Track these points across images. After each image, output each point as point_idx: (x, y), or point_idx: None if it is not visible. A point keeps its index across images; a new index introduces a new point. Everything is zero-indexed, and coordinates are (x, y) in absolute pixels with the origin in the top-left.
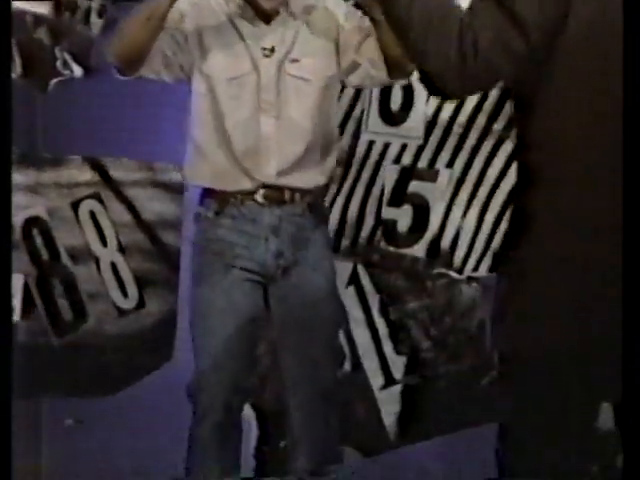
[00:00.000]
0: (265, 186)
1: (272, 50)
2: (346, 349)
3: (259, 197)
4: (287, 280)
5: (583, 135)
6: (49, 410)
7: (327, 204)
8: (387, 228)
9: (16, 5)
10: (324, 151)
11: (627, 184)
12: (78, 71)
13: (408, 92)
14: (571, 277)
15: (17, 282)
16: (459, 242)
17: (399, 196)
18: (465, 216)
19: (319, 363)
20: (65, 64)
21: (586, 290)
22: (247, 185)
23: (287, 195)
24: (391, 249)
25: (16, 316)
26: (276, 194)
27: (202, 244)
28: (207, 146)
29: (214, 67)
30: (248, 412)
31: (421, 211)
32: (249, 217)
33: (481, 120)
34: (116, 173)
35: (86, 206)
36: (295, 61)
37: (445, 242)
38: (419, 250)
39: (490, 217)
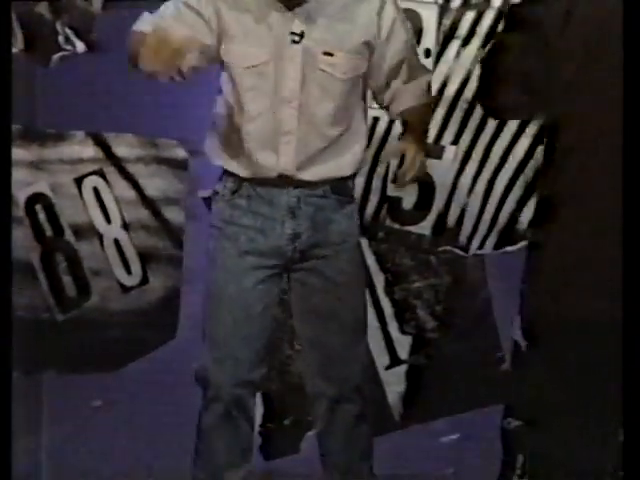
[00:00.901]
0: (283, 176)
1: (301, 35)
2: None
3: (277, 180)
4: (306, 264)
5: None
6: (49, 386)
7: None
8: (392, 205)
9: None
10: (348, 144)
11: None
12: (80, 46)
13: None
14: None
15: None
16: (465, 219)
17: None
18: (471, 193)
19: (342, 357)
20: (67, 39)
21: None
22: (265, 175)
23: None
24: (396, 226)
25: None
26: (295, 180)
27: (218, 227)
28: (226, 133)
29: (232, 54)
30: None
31: (426, 188)
32: (266, 198)
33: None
34: (119, 149)
35: (90, 182)
36: (328, 54)
37: (451, 219)
38: (424, 227)
39: (496, 194)
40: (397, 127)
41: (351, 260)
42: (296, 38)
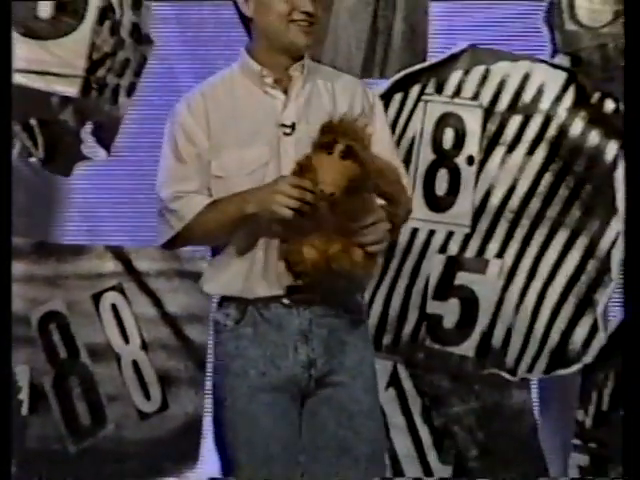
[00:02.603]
0: (292, 289)
1: (293, 127)
2: (385, 459)
3: (285, 299)
4: (320, 393)
5: None
6: None
7: (366, 298)
8: (432, 324)
9: (42, 86)
10: None
11: None
12: (102, 154)
13: (455, 176)
14: None
15: (23, 375)
16: (511, 340)
17: (445, 289)
18: (518, 311)
19: None
20: (89, 147)
21: None
22: (270, 291)
23: (317, 295)
24: (436, 347)
25: (24, 410)
26: (305, 295)
27: (223, 362)
28: (221, 255)
29: (226, 166)
30: None
31: (469, 305)
32: (274, 323)
33: (534, 205)
34: (140, 263)
35: (108, 299)
36: None
37: (496, 340)
38: (467, 348)
39: (545, 312)
40: (437, 239)
41: (367, 387)
42: (287, 130)
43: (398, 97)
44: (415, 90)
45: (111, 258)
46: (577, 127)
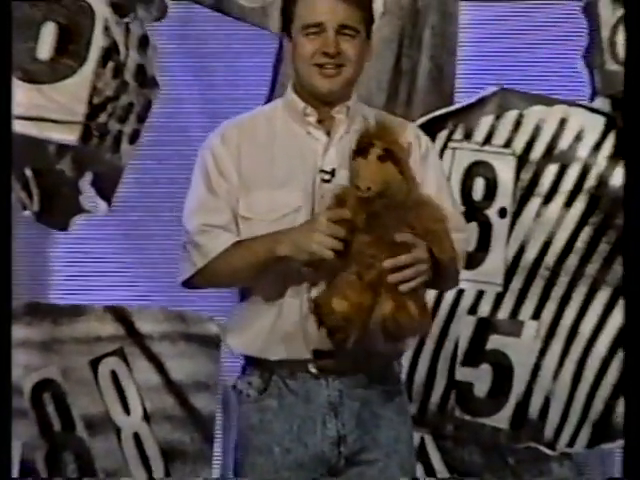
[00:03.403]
0: (318, 353)
1: (332, 174)
2: None
3: (312, 367)
4: (350, 472)
5: None
6: None
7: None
8: (462, 392)
9: (38, 133)
10: None
11: None
12: (102, 206)
13: (486, 230)
14: None
15: (14, 451)
16: (550, 410)
17: (476, 354)
18: (556, 378)
19: None
20: (89, 199)
21: None
22: (296, 353)
23: (348, 363)
24: (467, 418)
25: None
26: (334, 363)
27: (245, 435)
28: (246, 304)
29: (255, 206)
30: None
31: (503, 372)
32: (301, 394)
33: (572, 262)
34: (143, 325)
35: (107, 365)
36: None
37: (533, 410)
38: (501, 419)
39: (587, 379)
40: (467, 298)
41: (404, 466)
42: (326, 177)
43: None
44: (442, 136)
45: (111, 320)
46: (618, 177)
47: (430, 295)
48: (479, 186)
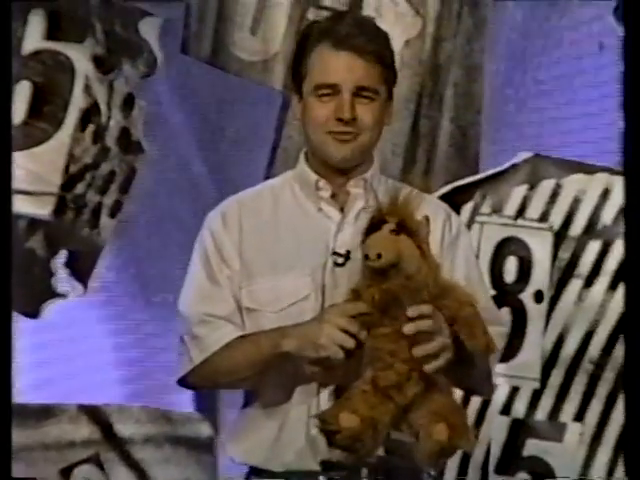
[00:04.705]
0: (328, 465)
1: (347, 257)
2: None
3: (322, 478)
4: None
5: None
6: None
7: None
8: None
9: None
10: None
11: None
12: (78, 289)
13: (520, 317)
14: None
15: None
16: None
17: (511, 460)
18: None
19: None
20: (62, 281)
21: None
22: (303, 464)
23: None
24: None
25: None
26: (346, 475)
27: None
28: (249, 409)
29: (259, 296)
30: None
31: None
32: None
33: (619, 354)
34: (122, 427)
35: (81, 473)
36: None
37: None
38: None
39: None
40: (499, 397)
41: None
42: (339, 260)
43: None
44: (467, 209)
45: (86, 421)
46: None
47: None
48: (511, 266)
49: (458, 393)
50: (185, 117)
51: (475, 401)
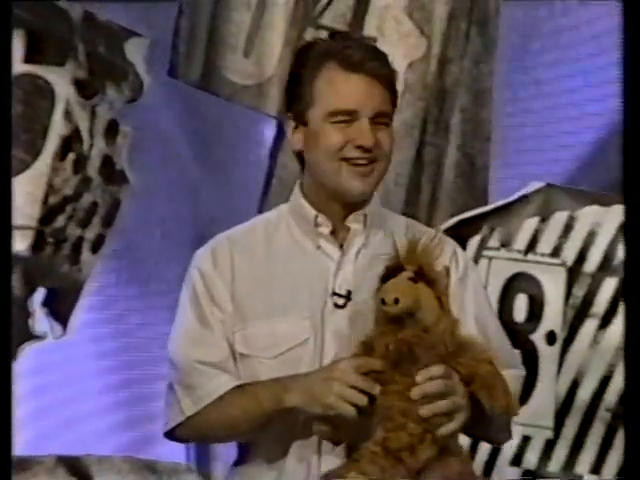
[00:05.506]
0: None
1: (348, 297)
2: None
3: None
4: None
5: None
6: None
7: None
8: None
9: None
10: None
11: None
12: (57, 330)
13: (531, 360)
14: None
15: None
16: None
17: None
18: None
19: None
20: (40, 321)
21: None
22: None
23: None
24: None
25: None
26: None
27: None
28: (242, 466)
29: (253, 341)
30: None
31: None
32: None
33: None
34: (103, 479)
35: None
36: None
37: None
38: None
39: None
40: (509, 446)
41: None
42: (340, 301)
43: None
44: (474, 243)
45: (65, 474)
46: None
47: (463, 440)
48: (521, 304)
49: (465, 439)
50: (173, 145)
51: (484, 451)
